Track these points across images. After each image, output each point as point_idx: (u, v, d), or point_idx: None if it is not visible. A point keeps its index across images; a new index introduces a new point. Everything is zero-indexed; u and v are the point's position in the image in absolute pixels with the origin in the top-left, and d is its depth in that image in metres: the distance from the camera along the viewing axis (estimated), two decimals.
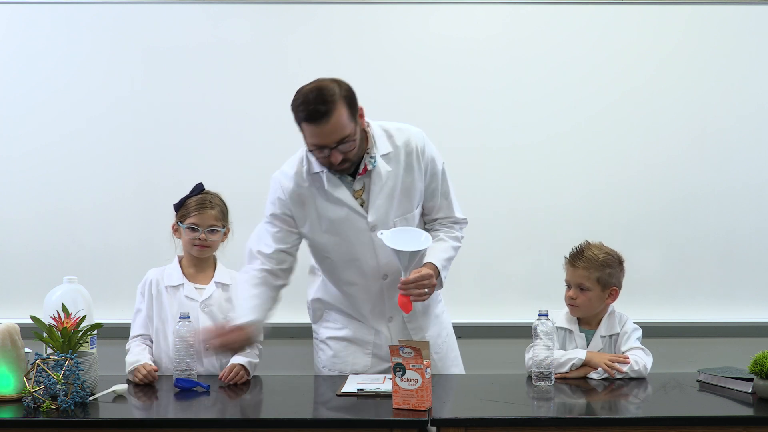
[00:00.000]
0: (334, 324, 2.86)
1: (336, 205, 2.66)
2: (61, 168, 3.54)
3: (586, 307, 2.76)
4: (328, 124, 2.48)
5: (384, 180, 2.66)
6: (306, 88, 2.54)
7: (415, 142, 2.71)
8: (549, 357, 2.57)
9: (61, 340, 2.42)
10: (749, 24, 3.56)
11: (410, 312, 2.62)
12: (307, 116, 2.49)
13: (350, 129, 2.53)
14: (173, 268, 2.89)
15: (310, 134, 2.52)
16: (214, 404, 2.49)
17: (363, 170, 2.65)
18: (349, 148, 2.55)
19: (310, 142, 2.54)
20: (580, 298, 2.75)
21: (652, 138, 3.56)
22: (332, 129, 2.49)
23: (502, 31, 3.56)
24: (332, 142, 2.51)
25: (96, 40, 3.54)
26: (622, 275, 2.80)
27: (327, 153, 2.53)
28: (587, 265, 2.74)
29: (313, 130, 2.50)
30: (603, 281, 2.74)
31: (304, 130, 2.54)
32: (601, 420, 2.34)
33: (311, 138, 2.53)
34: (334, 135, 2.50)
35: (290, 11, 3.56)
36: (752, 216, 3.57)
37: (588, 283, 2.74)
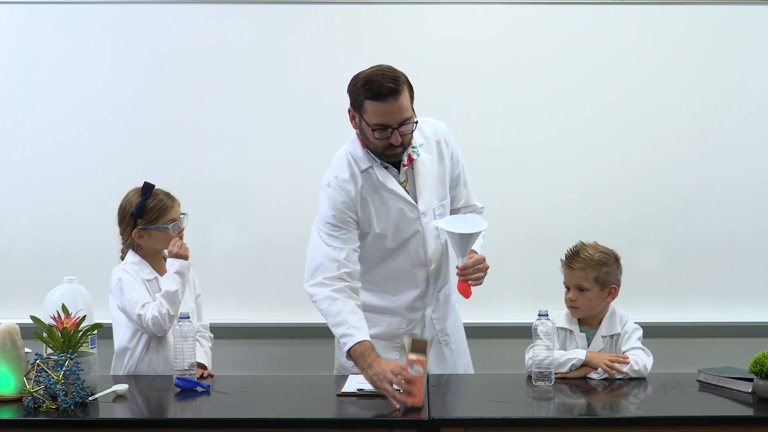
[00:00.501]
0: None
1: (391, 197, 2.70)
2: (62, 168, 3.54)
3: (587, 307, 2.76)
4: (396, 103, 2.54)
5: (428, 169, 2.74)
6: (369, 70, 2.60)
7: (441, 132, 2.81)
8: (549, 357, 2.57)
9: (61, 340, 2.42)
10: (749, 24, 3.56)
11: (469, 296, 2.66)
12: (376, 94, 2.53)
13: (410, 112, 2.60)
14: (138, 264, 2.81)
15: (377, 113, 2.56)
16: (214, 404, 2.49)
17: (408, 161, 2.72)
18: (408, 131, 2.62)
19: (375, 121, 2.57)
20: (580, 299, 2.75)
21: (652, 138, 3.56)
22: (398, 108, 2.55)
23: (502, 31, 3.56)
24: (396, 121, 2.57)
25: (96, 40, 3.54)
26: (620, 273, 2.80)
27: (389, 134, 2.58)
28: (584, 266, 2.74)
29: (381, 108, 2.55)
30: (601, 280, 2.74)
31: (368, 110, 2.57)
32: (601, 420, 2.34)
33: (377, 117, 2.56)
34: (398, 114, 2.56)
35: (290, 11, 3.56)
36: (752, 216, 3.57)
37: (586, 284, 2.74)
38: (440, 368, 2.84)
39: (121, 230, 2.85)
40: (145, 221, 2.80)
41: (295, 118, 3.54)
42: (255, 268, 3.53)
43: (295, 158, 3.53)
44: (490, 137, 3.55)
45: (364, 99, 2.56)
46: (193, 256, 3.03)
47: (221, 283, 3.41)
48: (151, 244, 2.82)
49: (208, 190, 3.54)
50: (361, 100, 2.57)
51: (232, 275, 3.50)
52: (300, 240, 3.51)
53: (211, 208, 3.55)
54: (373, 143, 2.63)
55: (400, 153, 2.66)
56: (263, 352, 3.44)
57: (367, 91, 2.54)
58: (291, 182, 3.55)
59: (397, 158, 2.68)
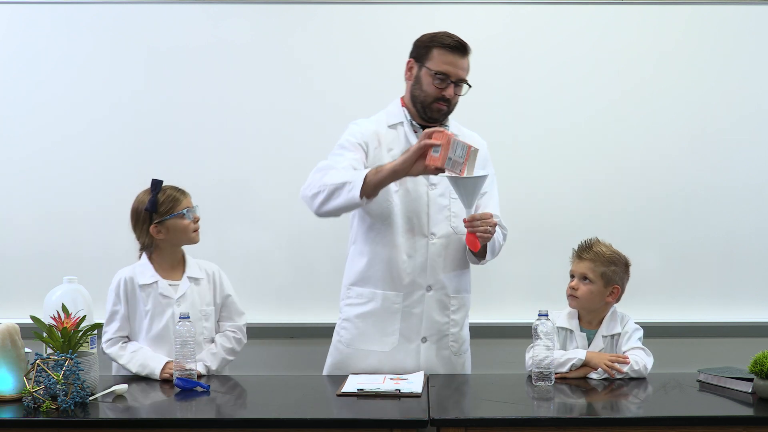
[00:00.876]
0: (358, 299, 2.83)
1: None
2: (62, 168, 3.54)
3: (586, 299, 2.76)
4: (464, 59, 2.77)
5: None
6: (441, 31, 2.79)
7: (480, 140, 2.92)
8: (549, 357, 2.57)
9: (61, 340, 2.42)
10: (749, 24, 3.56)
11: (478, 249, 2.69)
12: (451, 45, 2.74)
13: (467, 77, 2.79)
14: (144, 266, 2.83)
15: (443, 60, 2.74)
16: (214, 404, 2.49)
17: None
18: (461, 92, 2.79)
19: (438, 69, 2.74)
20: (582, 289, 2.76)
21: (652, 138, 3.56)
22: (464, 65, 2.77)
23: (502, 30, 3.57)
24: (456, 75, 2.75)
25: (96, 40, 3.54)
26: (627, 278, 2.81)
27: (446, 84, 2.74)
28: (593, 258, 2.77)
29: (450, 58, 2.74)
30: (606, 277, 2.75)
31: (435, 57, 2.75)
32: (601, 420, 2.34)
33: (442, 65, 2.74)
34: (462, 71, 2.77)
35: (291, 11, 3.56)
36: (752, 216, 3.57)
37: (592, 275, 2.75)
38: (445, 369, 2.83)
39: (137, 232, 2.84)
40: (159, 215, 2.80)
41: (296, 118, 3.54)
42: (255, 269, 3.53)
43: (295, 159, 3.53)
44: (490, 137, 3.52)
45: (435, 47, 2.75)
46: (200, 256, 3.04)
47: None
48: (170, 237, 2.82)
49: (208, 191, 3.53)
50: (432, 47, 2.75)
51: (232, 275, 3.48)
52: (300, 240, 3.52)
53: (210, 208, 3.53)
54: (425, 91, 2.76)
55: (444, 112, 2.79)
56: (263, 352, 3.44)
57: (439, 41, 2.75)
58: (292, 183, 3.52)
59: (440, 115, 2.79)
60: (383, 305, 2.78)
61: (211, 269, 2.92)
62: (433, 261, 2.79)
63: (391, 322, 2.78)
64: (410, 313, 2.78)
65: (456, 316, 2.84)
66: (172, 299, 2.80)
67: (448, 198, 2.80)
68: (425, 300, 2.79)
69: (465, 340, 2.90)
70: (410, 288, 2.78)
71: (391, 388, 2.51)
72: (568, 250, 2.85)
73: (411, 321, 2.78)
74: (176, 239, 2.83)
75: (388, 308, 2.78)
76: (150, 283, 2.80)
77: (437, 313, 2.80)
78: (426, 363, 2.78)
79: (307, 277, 3.53)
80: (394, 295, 2.78)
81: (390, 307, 2.78)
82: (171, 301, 2.80)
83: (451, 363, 2.84)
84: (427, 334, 2.79)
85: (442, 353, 2.82)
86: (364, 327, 2.80)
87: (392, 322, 2.78)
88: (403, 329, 2.78)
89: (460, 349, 2.86)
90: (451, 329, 2.83)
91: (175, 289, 2.82)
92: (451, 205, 2.80)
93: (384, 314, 2.79)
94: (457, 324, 2.85)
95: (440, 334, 2.81)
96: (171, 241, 2.83)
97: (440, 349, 2.81)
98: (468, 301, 2.90)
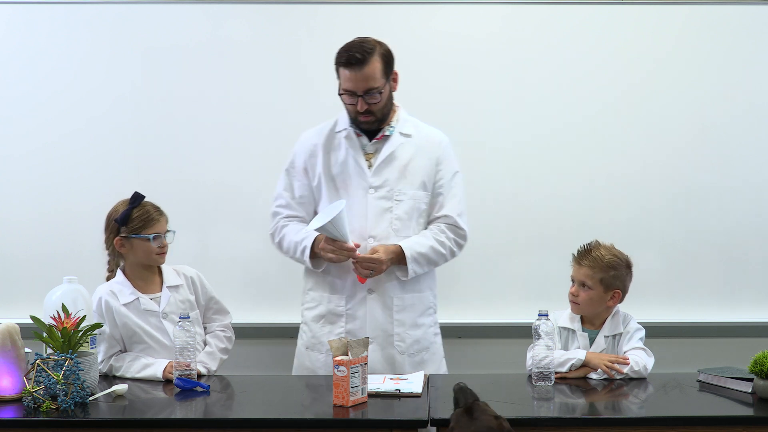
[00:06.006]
0: (311, 303, 2.96)
1: (345, 161, 2.88)
2: (61, 168, 3.54)
3: (587, 305, 2.76)
4: (361, 71, 2.77)
5: (395, 148, 2.88)
6: (352, 40, 2.84)
7: (437, 138, 2.96)
8: (549, 357, 2.57)
9: (61, 340, 2.42)
10: (747, 24, 3.56)
11: (363, 282, 2.83)
12: (344, 61, 2.78)
13: (380, 83, 2.80)
14: (121, 283, 2.81)
15: (344, 79, 2.81)
16: (214, 404, 2.49)
17: (380, 136, 2.88)
18: (375, 100, 2.81)
19: (343, 87, 2.82)
20: (582, 295, 2.75)
21: (652, 138, 3.56)
22: (363, 77, 2.77)
23: (502, 30, 3.56)
24: (361, 89, 2.78)
25: (95, 39, 3.54)
26: (629, 279, 2.80)
27: (355, 100, 2.80)
28: (592, 264, 2.75)
29: (347, 74, 2.79)
30: (606, 282, 2.74)
31: (340, 75, 2.82)
32: (601, 420, 2.34)
33: (344, 83, 2.81)
34: (363, 83, 2.78)
35: (290, 11, 3.56)
36: (753, 216, 3.57)
37: (590, 282, 2.74)
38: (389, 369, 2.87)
39: (105, 238, 2.84)
40: (128, 230, 2.78)
41: (296, 118, 3.53)
42: (255, 269, 3.53)
43: None
44: (490, 137, 3.55)
45: (337, 65, 2.82)
46: (193, 256, 3.04)
47: (221, 284, 3.40)
48: (131, 255, 2.81)
49: (208, 191, 3.54)
50: (337, 66, 2.83)
51: (232, 275, 3.49)
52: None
53: (210, 208, 3.56)
54: (346, 108, 2.87)
55: (371, 122, 2.85)
56: (263, 352, 3.44)
57: (339, 57, 2.81)
58: None
59: (368, 126, 2.87)
60: (328, 308, 2.90)
61: (189, 273, 2.91)
62: None
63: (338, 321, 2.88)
64: (354, 315, 2.87)
65: (400, 316, 2.87)
66: (157, 312, 2.80)
67: (391, 201, 2.86)
68: (367, 301, 2.86)
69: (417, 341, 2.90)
70: (352, 291, 2.87)
71: (391, 388, 2.51)
72: (569, 250, 2.85)
73: (355, 323, 2.87)
74: (138, 258, 2.81)
75: (333, 311, 2.89)
76: (131, 301, 2.79)
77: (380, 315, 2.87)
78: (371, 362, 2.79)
79: None
80: (338, 298, 2.89)
81: (334, 310, 2.88)
82: (157, 315, 2.79)
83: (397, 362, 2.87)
84: (372, 336, 2.84)
85: (386, 352, 2.86)
86: (315, 328, 2.93)
87: (338, 322, 2.88)
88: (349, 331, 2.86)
89: (407, 350, 2.87)
90: (396, 329, 2.86)
91: (157, 301, 2.82)
92: (393, 208, 2.86)
93: (330, 317, 2.90)
94: (403, 324, 2.88)
95: (385, 334, 2.86)
96: (133, 257, 2.82)
97: (384, 348, 2.86)
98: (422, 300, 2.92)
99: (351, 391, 2.36)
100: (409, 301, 2.89)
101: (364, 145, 2.89)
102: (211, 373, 2.77)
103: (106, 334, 2.75)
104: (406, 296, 2.89)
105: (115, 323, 2.76)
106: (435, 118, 3.40)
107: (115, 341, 2.77)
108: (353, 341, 2.40)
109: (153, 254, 2.80)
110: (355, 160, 2.87)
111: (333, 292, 2.89)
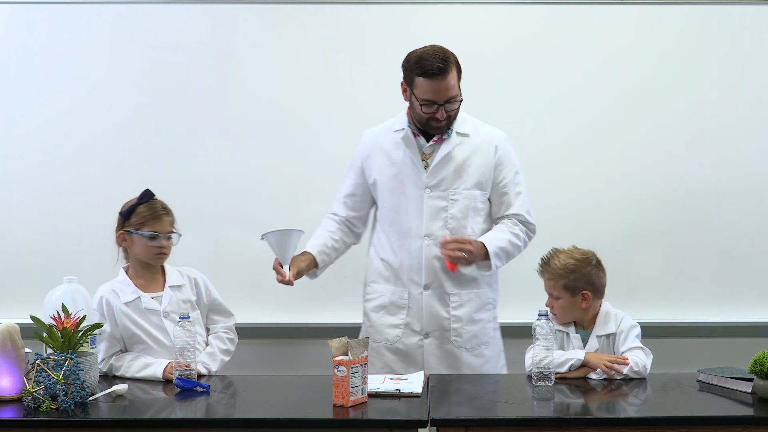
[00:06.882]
0: (372, 294, 3.01)
1: (402, 160, 2.91)
2: (61, 168, 3.54)
3: (562, 314, 2.77)
4: (444, 81, 2.77)
5: (452, 148, 2.89)
6: (422, 49, 2.82)
7: (496, 137, 2.97)
8: (549, 357, 2.57)
9: (61, 340, 2.42)
10: (747, 24, 3.56)
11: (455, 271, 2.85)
12: (426, 71, 2.76)
13: (457, 90, 2.82)
14: (123, 282, 2.81)
15: (425, 89, 2.78)
16: (214, 404, 2.49)
17: (439, 138, 2.90)
18: (454, 108, 2.83)
19: (423, 97, 2.79)
20: (555, 306, 2.78)
21: (652, 138, 3.56)
22: (446, 86, 2.78)
23: (502, 30, 3.57)
24: (442, 98, 2.79)
25: (95, 39, 3.54)
26: (597, 275, 2.77)
27: (435, 109, 2.79)
28: (552, 275, 2.76)
29: (430, 85, 2.77)
30: (570, 287, 2.74)
31: (418, 85, 2.79)
32: (601, 420, 2.34)
33: (425, 93, 2.78)
34: (446, 92, 2.78)
35: (291, 11, 3.56)
36: (752, 216, 3.57)
37: (556, 292, 2.76)
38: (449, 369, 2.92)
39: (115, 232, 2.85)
40: (130, 225, 2.79)
41: (296, 119, 3.54)
42: (255, 269, 3.52)
43: (295, 159, 3.54)
44: None
45: (416, 75, 2.79)
46: (193, 256, 3.04)
47: (221, 284, 3.40)
48: (132, 249, 2.82)
49: (208, 190, 3.54)
50: (413, 76, 2.80)
51: (232, 275, 3.49)
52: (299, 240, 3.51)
53: (210, 208, 3.55)
54: (419, 115, 2.84)
55: (444, 126, 2.86)
56: (263, 352, 3.44)
57: (419, 68, 2.77)
58: (291, 183, 3.55)
59: (440, 131, 2.88)
60: (391, 299, 2.95)
61: (193, 275, 2.91)
62: (429, 261, 2.88)
63: (399, 312, 2.94)
64: (413, 308, 2.93)
65: (458, 312, 2.90)
66: (158, 311, 2.80)
67: (447, 200, 2.89)
68: (424, 297, 2.90)
69: (475, 336, 2.94)
70: (412, 286, 2.92)
71: (391, 388, 2.51)
72: None
73: (413, 316, 2.93)
74: (137, 254, 2.82)
75: (395, 302, 2.94)
76: (132, 300, 2.79)
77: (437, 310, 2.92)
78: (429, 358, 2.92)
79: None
80: (401, 290, 2.94)
81: (397, 302, 2.94)
82: (158, 314, 2.79)
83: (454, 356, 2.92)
84: (429, 330, 2.90)
85: (445, 347, 2.91)
86: (375, 318, 2.98)
87: (399, 313, 2.93)
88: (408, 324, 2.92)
89: (465, 344, 2.92)
90: (452, 324, 2.90)
91: (158, 300, 2.82)
92: (448, 207, 2.88)
93: (392, 308, 2.95)
94: (460, 320, 2.90)
95: (442, 329, 2.91)
96: (132, 253, 2.83)
97: (442, 344, 2.91)
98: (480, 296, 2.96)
99: (351, 391, 2.36)
100: (466, 297, 2.93)
101: (421, 145, 2.91)
102: (212, 373, 2.77)
103: (107, 334, 2.75)
104: (462, 292, 2.92)
105: (116, 322, 2.77)
106: None
107: (116, 341, 2.77)
108: (353, 341, 2.40)
109: (150, 253, 2.80)
110: (412, 160, 2.90)
111: (397, 285, 2.94)
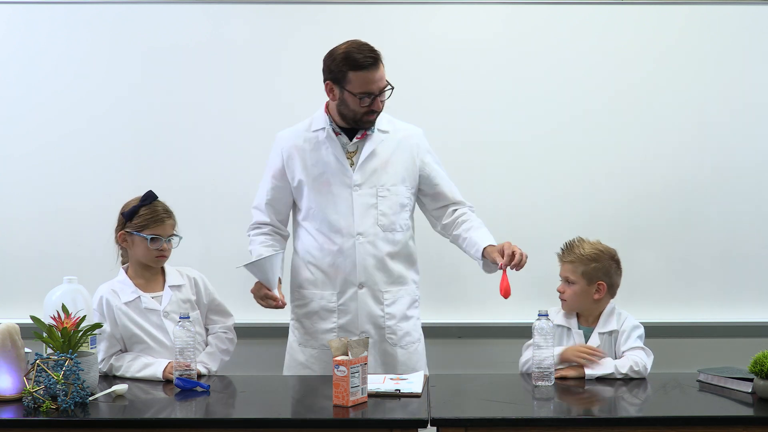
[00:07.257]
0: (301, 300, 2.97)
1: (327, 159, 2.89)
2: (61, 168, 3.54)
3: (573, 300, 2.78)
4: (377, 71, 2.77)
5: (376, 145, 2.90)
6: (346, 45, 2.80)
7: (414, 132, 2.99)
8: (549, 358, 2.57)
9: (61, 340, 2.42)
10: (747, 24, 3.56)
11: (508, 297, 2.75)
12: (360, 65, 2.75)
13: (385, 82, 2.82)
14: (123, 282, 2.81)
15: (361, 82, 2.77)
16: (214, 404, 2.49)
17: (362, 135, 2.89)
18: (386, 97, 2.83)
19: (359, 90, 2.78)
20: (567, 291, 2.79)
21: (652, 138, 3.56)
22: (380, 76, 2.79)
23: (502, 30, 3.57)
24: (378, 89, 2.79)
25: (95, 39, 3.54)
26: (616, 273, 2.81)
27: (370, 101, 2.79)
28: (573, 259, 2.80)
29: (365, 77, 2.76)
30: (588, 275, 2.76)
31: (352, 80, 2.77)
32: (601, 420, 2.34)
33: (361, 86, 2.77)
34: (380, 82, 2.79)
35: (291, 12, 3.56)
36: (752, 216, 3.57)
37: (573, 276, 2.78)
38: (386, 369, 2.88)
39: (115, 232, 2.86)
40: (132, 226, 2.80)
41: (297, 119, 3.52)
42: None
43: None
44: (490, 136, 3.55)
45: (348, 71, 2.76)
46: (194, 256, 3.03)
47: (221, 283, 3.41)
48: (133, 250, 2.82)
49: (208, 190, 3.54)
50: (345, 71, 2.77)
51: (232, 275, 3.48)
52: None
53: (210, 207, 3.55)
54: (353, 110, 2.82)
55: (374, 119, 2.86)
56: (263, 352, 3.44)
57: (350, 63, 2.76)
58: None
59: (372, 124, 2.87)
60: (320, 304, 2.93)
61: (192, 275, 2.91)
62: (362, 259, 2.87)
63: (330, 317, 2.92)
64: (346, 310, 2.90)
65: (391, 309, 2.90)
66: (158, 311, 2.80)
67: (375, 197, 2.89)
68: (358, 296, 2.89)
69: (407, 333, 2.94)
70: (343, 287, 2.90)
71: (391, 388, 2.51)
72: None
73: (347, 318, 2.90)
74: (137, 255, 2.82)
75: (325, 307, 2.92)
76: (132, 300, 2.79)
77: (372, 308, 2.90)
78: None
79: None
80: (330, 294, 2.91)
81: (326, 306, 2.91)
82: (158, 314, 2.80)
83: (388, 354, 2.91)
84: (364, 329, 2.89)
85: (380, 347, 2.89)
86: (308, 324, 2.95)
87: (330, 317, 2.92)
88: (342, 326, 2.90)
89: (399, 341, 2.91)
90: (387, 322, 2.90)
91: (158, 300, 2.82)
92: (377, 204, 2.89)
93: (323, 312, 2.93)
94: (393, 317, 2.91)
95: (377, 327, 2.90)
96: (132, 255, 2.83)
97: (377, 343, 2.89)
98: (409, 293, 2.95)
99: (351, 391, 2.36)
100: (397, 294, 2.92)
101: (344, 143, 2.90)
102: (212, 373, 2.77)
103: (107, 334, 2.75)
104: (393, 289, 2.91)
105: (116, 322, 2.77)
106: (435, 119, 3.42)
107: (116, 340, 2.77)
108: (353, 341, 2.41)
109: (151, 255, 2.80)
110: (337, 159, 2.88)
111: (325, 289, 2.92)
